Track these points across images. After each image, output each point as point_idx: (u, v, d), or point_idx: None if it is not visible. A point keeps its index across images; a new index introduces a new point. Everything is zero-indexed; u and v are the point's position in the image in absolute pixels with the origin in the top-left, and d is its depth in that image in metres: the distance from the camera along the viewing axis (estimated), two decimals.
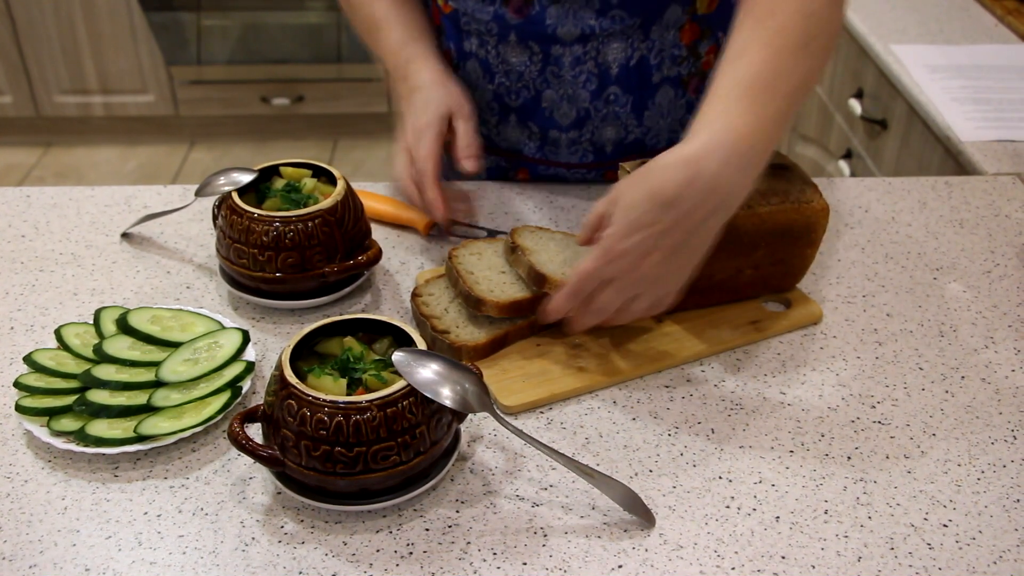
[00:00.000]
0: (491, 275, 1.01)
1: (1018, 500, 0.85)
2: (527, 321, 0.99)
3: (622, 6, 1.12)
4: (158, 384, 0.91)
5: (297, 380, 0.79)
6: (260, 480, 0.86)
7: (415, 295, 1.03)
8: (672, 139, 1.25)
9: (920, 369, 0.99)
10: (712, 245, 0.90)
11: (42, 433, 0.87)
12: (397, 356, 0.81)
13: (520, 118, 1.23)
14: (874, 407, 0.95)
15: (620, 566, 0.79)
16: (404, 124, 1.15)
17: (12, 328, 1.03)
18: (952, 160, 1.57)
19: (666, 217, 0.85)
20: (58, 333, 0.97)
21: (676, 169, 0.85)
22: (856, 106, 1.98)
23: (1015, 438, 0.91)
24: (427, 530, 0.82)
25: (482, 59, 1.21)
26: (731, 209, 0.89)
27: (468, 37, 1.20)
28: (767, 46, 0.90)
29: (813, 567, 0.79)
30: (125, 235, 1.18)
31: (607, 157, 1.25)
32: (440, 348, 0.97)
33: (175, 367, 0.92)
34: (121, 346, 0.95)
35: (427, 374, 0.81)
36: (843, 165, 2.09)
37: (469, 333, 0.98)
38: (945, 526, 0.83)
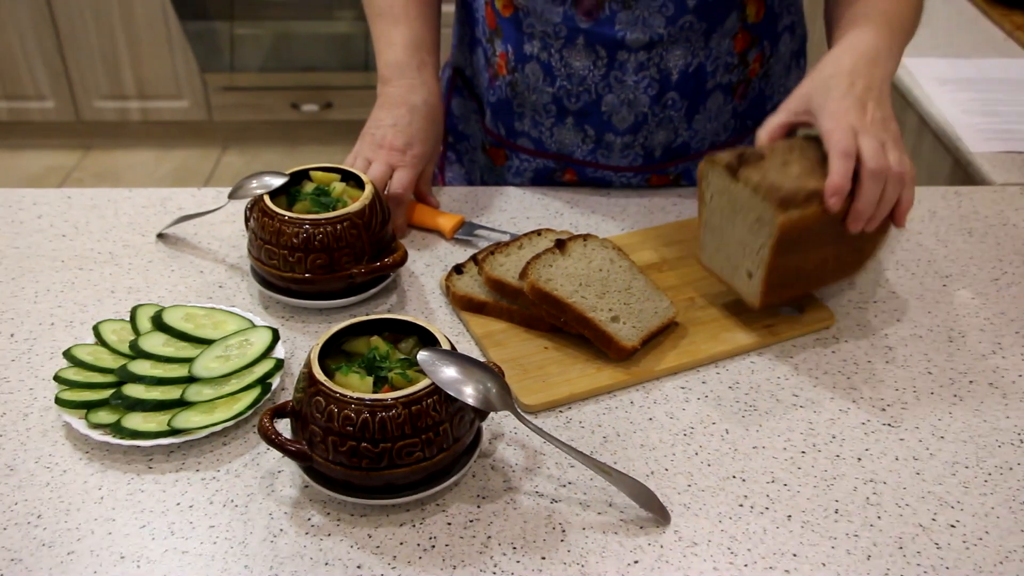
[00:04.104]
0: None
1: None
2: None
3: (695, 11, 1.12)
4: (191, 380, 0.91)
5: (325, 378, 0.79)
6: (288, 474, 0.86)
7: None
8: (715, 142, 1.25)
9: (929, 374, 0.98)
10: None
11: (80, 425, 0.87)
12: (422, 355, 0.81)
13: (577, 121, 1.22)
14: (884, 410, 0.94)
15: (636, 561, 0.78)
16: (381, 126, 1.18)
17: (53, 324, 1.03)
18: (961, 170, 1.56)
19: (859, 80, 0.98)
20: (96, 329, 0.97)
21: (841, 54, 1.01)
22: None
23: (1022, 441, 0.90)
24: (449, 524, 0.81)
25: (544, 62, 1.19)
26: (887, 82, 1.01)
27: (530, 40, 1.19)
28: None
29: (824, 565, 0.78)
30: (160, 235, 1.18)
31: (655, 161, 1.25)
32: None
33: (207, 363, 0.92)
34: (156, 343, 0.95)
35: (451, 373, 0.80)
36: None
37: None
38: (953, 526, 0.82)
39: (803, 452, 0.89)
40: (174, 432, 0.87)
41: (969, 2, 2.06)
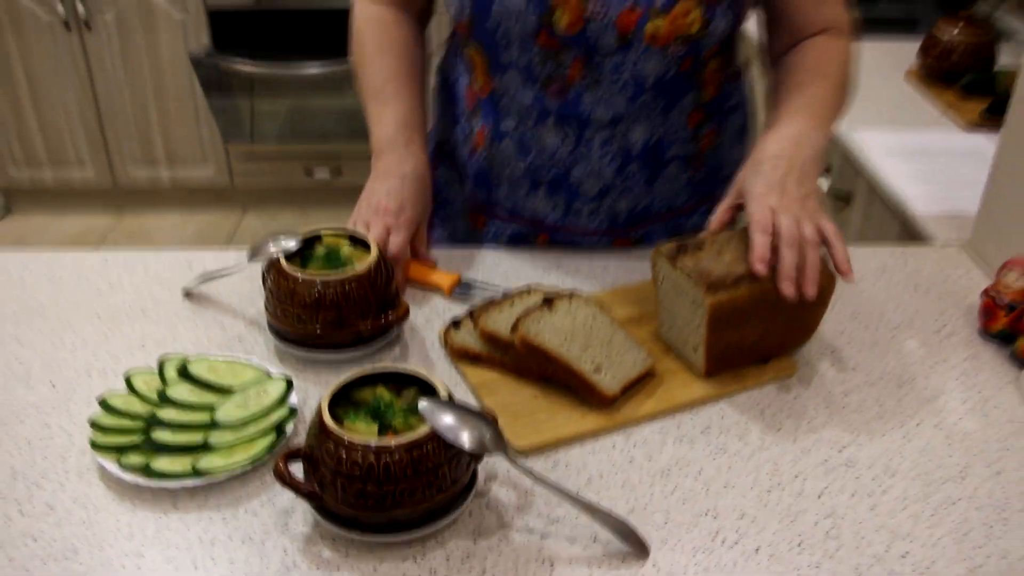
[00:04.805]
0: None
1: (967, 533, 0.84)
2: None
3: (653, 89, 1.14)
4: (213, 425, 0.91)
5: (334, 424, 0.79)
6: (301, 512, 0.85)
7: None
8: (672, 204, 1.27)
9: (881, 417, 0.99)
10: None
11: (113, 467, 0.87)
12: (422, 404, 0.81)
13: (549, 191, 1.24)
14: (841, 451, 0.94)
15: None
16: (376, 194, 1.18)
17: (89, 374, 1.03)
18: (908, 231, 1.57)
19: (781, 163, 1.03)
20: (127, 379, 0.97)
21: (769, 141, 1.07)
22: (824, 182, 1.98)
23: (963, 478, 0.91)
24: (448, 559, 0.81)
25: (517, 139, 1.21)
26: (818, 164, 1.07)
27: (506, 117, 1.20)
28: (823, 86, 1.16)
29: None
30: (186, 293, 1.18)
31: (620, 224, 1.26)
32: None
33: (228, 410, 0.92)
34: (182, 391, 0.95)
35: (449, 420, 0.80)
36: None
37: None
38: (904, 557, 0.82)
39: (769, 490, 0.89)
40: (198, 474, 0.86)
41: (906, 83, 2.10)
